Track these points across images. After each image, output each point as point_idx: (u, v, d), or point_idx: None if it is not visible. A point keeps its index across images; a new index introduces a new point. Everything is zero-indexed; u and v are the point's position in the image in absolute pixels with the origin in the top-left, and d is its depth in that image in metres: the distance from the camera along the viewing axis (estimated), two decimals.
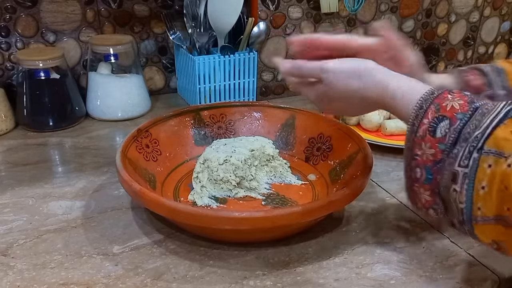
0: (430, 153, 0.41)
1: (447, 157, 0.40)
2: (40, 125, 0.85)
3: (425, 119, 0.42)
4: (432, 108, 0.42)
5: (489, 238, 0.39)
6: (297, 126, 0.75)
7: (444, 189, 0.41)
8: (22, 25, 0.88)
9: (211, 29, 0.90)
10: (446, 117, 0.41)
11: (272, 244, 0.55)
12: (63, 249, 0.54)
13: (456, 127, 0.40)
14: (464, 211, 0.39)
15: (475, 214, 0.38)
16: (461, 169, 0.38)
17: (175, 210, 0.50)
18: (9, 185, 0.67)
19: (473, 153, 0.38)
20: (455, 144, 0.39)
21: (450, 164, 0.39)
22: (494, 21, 1.29)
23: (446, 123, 0.40)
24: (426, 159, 0.42)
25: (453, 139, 0.40)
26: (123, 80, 0.90)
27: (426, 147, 0.42)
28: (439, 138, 0.40)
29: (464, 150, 0.39)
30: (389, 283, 0.50)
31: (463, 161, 0.38)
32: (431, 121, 0.41)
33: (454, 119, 0.40)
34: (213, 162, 0.63)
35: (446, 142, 0.40)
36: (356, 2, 1.04)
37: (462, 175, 0.38)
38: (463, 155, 0.38)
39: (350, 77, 0.49)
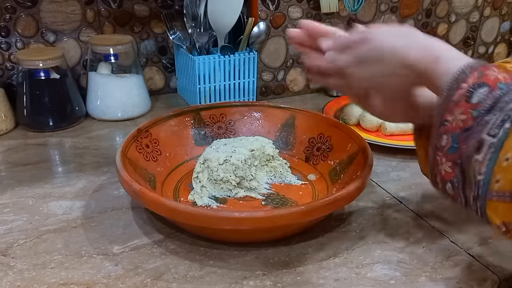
0: (461, 119, 0.39)
1: (477, 124, 0.38)
2: (40, 125, 0.85)
3: (464, 83, 0.40)
4: (474, 74, 0.40)
5: (500, 219, 0.37)
6: (297, 126, 0.75)
7: (466, 159, 0.39)
8: (22, 25, 0.88)
9: (211, 29, 0.90)
10: (487, 84, 0.39)
11: (272, 244, 0.55)
12: (63, 249, 0.54)
13: (494, 94, 0.38)
14: (481, 183, 0.37)
15: (492, 187, 0.37)
16: (489, 138, 0.37)
17: (175, 210, 0.50)
18: (9, 185, 0.67)
19: (506, 123, 0.36)
20: (489, 112, 0.38)
21: (479, 131, 0.38)
22: (494, 21, 1.29)
23: (485, 89, 0.39)
24: (456, 126, 0.40)
25: (488, 106, 0.38)
26: (123, 80, 0.90)
27: (458, 112, 0.40)
28: (474, 104, 0.39)
29: (496, 118, 0.37)
30: (389, 283, 0.50)
31: (493, 129, 0.37)
32: (471, 86, 0.39)
33: (494, 87, 0.39)
34: (213, 162, 0.63)
35: (480, 108, 0.38)
36: (356, 2, 1.04)
37: (489, 144, 0.37)
38: (495, 123, 0.37)
39: (394, 35, 0.46)
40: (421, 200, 0.66)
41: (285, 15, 1.02)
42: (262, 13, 1.00)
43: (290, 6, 1.02)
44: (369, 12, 1.11)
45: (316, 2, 1.03)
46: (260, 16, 0.99)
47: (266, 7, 1.00)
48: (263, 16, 1.00)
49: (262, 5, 0.99)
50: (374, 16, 1.12)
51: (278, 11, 1.01)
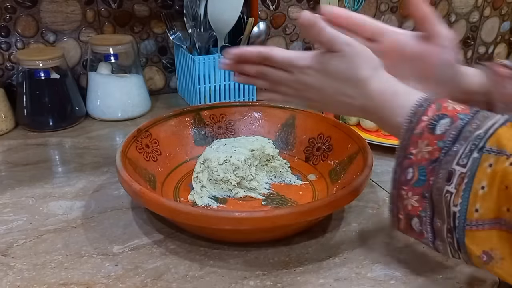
0: (426, 150, 0.40)
1: (445, 155, 0.39)
2: (40, 125, 0.85)
3: (424, 116, 0.40)
4: (432, 107, 0.41)
5: (480, 248, 0.37)
6: (297, 126, 0.75)
7: (436, 190, 0.39)
8: (22, 25, 0.88)
9: (211, 29, 0.90)
10: (447, 115, 0.40)
11: (272, 244, 0.55)
12: (63, 249, 0.54)
13: (457, 125, 0.39)
14: (458, 214, 0.37)
15: (470, 217, 0.37)
16: (459, 168, 0.37)
17: (175, 210, 0.50)
18: (9, 185, 0.67)
19: (474, 152, 0.37)
20: (455, 142, 0.38)
21: (447, 162, 0.38)
22: (494, 21, 1.29)
23: (447, 121, 0.39)
24: (422, 158, 0.40)
25: (453, 136, 0.38)
26: (123, 80, 0.90)
27: (423, 144, 0.40)
28: (439, 135, 0.39)
29: (464, 148, 0.37)
30: (389, 283, 0.50)
31: (462, 159, 0.37)
32: (431, 118, 0.40)
33: (455, 118, 0.39)
34: (213, 162, 0.63)
35: (445, 139, 0.39)
36: (356, 2, 1.04)
37: (459, 174, 0.37)
38: (463, 153, 0.37)
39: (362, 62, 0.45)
40: None
41: (285, 15, 1.02)
42: (262, 13, 1.00)
43: (290, 6, 1.02)
44: (369, 12, 1.11)
45: (316, 2, 1.03)
46: (260, 16, 0.99)
47: (266, 7, 1.00)
48: (263, 16, 1.00)
49: (262, 5, 0.99)
50: (374, 16, 1.12)
51: (278, 11, 1.01)
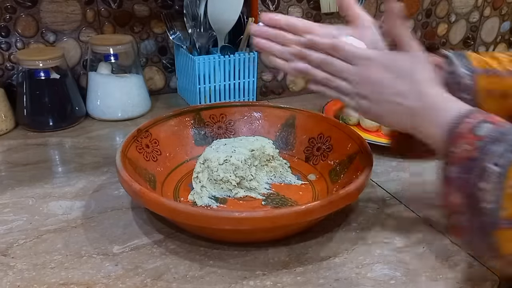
0: (466, 149, 0.41)
1: (481, 154, 0.40)
2: (40, 125, 0.85)
3: (470, 119, 0.43)
4: (479, 115, 0.43)
5: (510, 247, 0.38)
6: (297, 126, 0.75)
7: (472, 187, 0.40)
8: (22, 25, 0.88)
9: (211, 29, 0.90)
10: (490, 122, 0.42)
11: (272, 244, 0.55)
12: (63, 249, 0.54)
13: (498, 129, 0.41)
14: (490, 211, 0.38)
15: (501, 215, 0.38)
16: (494, 167, 0.38)
17: (175, 210, 0.50)
18: (9, 185, 0.67)
19: (509, 153, 0.38)
20: (493, 143, 0.40)
21: (483, 160, 0.40)
22: (494, 21, 1.29)
23: (489, 125, 0.41)
24: (461, 156, 0.42)
25: (493, 138, 0.40)
26: (123, 80, 0.90)
27: (463, 143, 0.42)
28: (480, 136, 0.41)
29: (500, 148, 0.39)
30: (389, 283, 0.50)
31: (497, 159, 0.39)
32: (476, 121, 0.42)
33: (498, 125, 0.41)
34: (213, 162, 0.63)
35: (485, 140, 0.40)
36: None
37: (493, 173, 0.38)
38: (498, 153, 0.39)
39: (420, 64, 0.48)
40: None
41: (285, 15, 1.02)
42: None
43: (290, 6, 1.02)
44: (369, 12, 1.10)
45: (316, 2, 1.03)
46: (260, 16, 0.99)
47: (266, 7, 1.00)
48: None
49: (262, 5, 0.99)
50: (374, 16, 1.12)
51: (278, 11, 1.01)
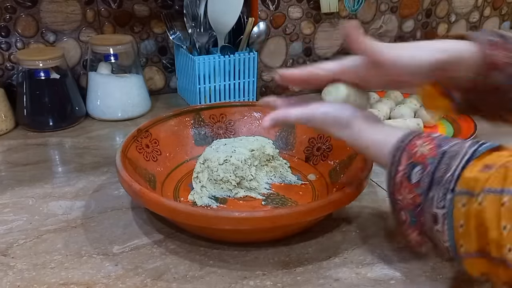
0: (409, 197, 0.43)
1: (425, 201, 0.42)
2: (40, 125, 0.85)
3: (399, 167, 0.44)
4: (404, 156, 0.44)
5: (478, 271, 0.40)
6: (297, 126, 0.75)
7: (428, 229, 0.43)
8: (22, 25, 0.88)
9: (211, 29, 0.90)
10: (418, 163, 0.43)
11: (272, 244, 0.55)
12: (63, 249, 0.54)
13: (428, 171, 0.42)
14: (450, 249, 0.40)
15: (459, 251, 0.40)
16: (439, 211, 0.40)
17: (175, 210, 0.50)
18: (9, 185, 0.67)
19: (447, 195, 0.40)
20: (430, 188, 0.41)
21: (429, 206, 0.41)
22: (494, 21, 1.29)
23: (418, 168, 0.43)
24: (407, 203, 0.44)
25: (427, 183, 0.41)
26: (123, 80, 0.90)
27: (405, 192, 0.44)
28: (415, 183, 0.42)
29: (438, 192, 0.40)
30: (389, 283, 0.50)
31: (439, 203, 0.40)
32: (406, 167, 0.43)
33: (426, 165, 0.42)
34: (213, 162, 0.63)
35: (421, 186, 0.42)
36: (356, 2, 1.04)
37: (441, 215, 0.40)
38: (439, 197, 0.40)
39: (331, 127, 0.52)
40: None
41: (285, 15, 1.02)
42: (262, 13, 1.00)
43: (290, 6, 1.02)
44: (369, 12, 1.11)
45: (316, 2, 1.03)
46: (260, 16, 0.99)
47: (266, 7, 1.00)
48: (263, 16, 1.00)
49: (262, 5, 0.99)
50: (374, 16, 1.12)
51: (278, 11, 1.01)
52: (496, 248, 0.36)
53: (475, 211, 0.37)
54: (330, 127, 0.52)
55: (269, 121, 0.54)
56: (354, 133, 0.51)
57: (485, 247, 0.37)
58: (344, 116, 0.51)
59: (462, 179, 0.39)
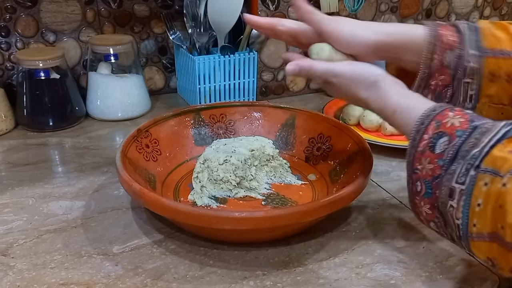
0: (429, 168, 0.42)
1: (445, 173, 0.40)
2: (40, 125, 0.85)
3: (425, 135, 0.43)
4: (432, 124, 0.43)
5: (484, 255, 0.39)
6: (297, 126, 0.75)
7: (442, 204, 0.41)
8: (22, 25, 0.88)
9: (211, 29, 0.90)
10: (446, 133, 0.41)
11: (272, 244, 0.55)
12: (63, 249, 0.54)
13: (454, 143, 0.40)
14: (460, 227, 0.39)
15: (470, 230, 0.39)
16: (458, 186, 0.39)
17: (175, 210, 0.50)
18: (9, 185, 0.67)
19: (470, 171, 0.38)
20: (453, 161, 0.40)
21: (448, 180, 0.40)
22: None
23: (445, 139, 0.41)
24: (426, 174, 0.42)
25: (451, 156, 0.40)
26: (123, 80, 0.90)
27: (425, 162, 0.42)
28: (438, 154, 0.41)
29: (461, 167, 0.39)
30: (389, 283, 0.50)
31: (460, 178, 0.39)
32: (431, 136, 0.42)
33: (453, 136, 0.41)
34: (213, 162, 0.63)
35: (444, 158, 0.41)
36: (356, 2, 1.04)
37: (459, 191, 0.39)
38: (461, 172, 0.39)
39: (357, 86, 0.50)
40: None
41: (285, 15, 1.02)
42: (262, 13, 1.00)
43: (290, 6, 1.02)
44: (369, 12, 1.11)
45: (316, 2, 1.03)
46: None
47: (266, 7, 1.00)
48: (263, 16, 1.00)
49: (262, 5, 0.99)
50: (374, 16, 1.12)
51: (278, 11, 1.01)
52: (511, 234, 0.35)
53: (497, 192, 0.36)
54: (355, 86, 0.50)
55: (293, 67, 0.52)
56: (380, 94, 0.48)
57: (499, 231, 0.36)
58: (373, 74, 0.49)
59: (489, 156, 0.38)
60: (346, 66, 0.51)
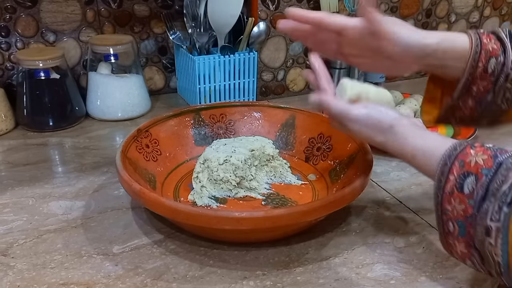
0: (460, 208, 0.42)
1: (478, 212, 0.40)
2: (40, 125, 0.85)
3: (451, 176, 0.42)
4: (456, 165, 0.43)
5: None
6: (297, 126, 0.75)
7: (479, 242, 0.41)
8: (22, 25, 0.88)
9: (211, 29, 0.90)
10: (472, 173, 0.41)
11: (272, 244, 0.55)
12: (63, 249, 0.54)
13: (483, 182, 0.40)
14: (501, 264, 0.39)
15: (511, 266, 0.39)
16: (493, 224, 0.39)
17: (175, 210, 0.50)
18: (9, 185, 0.67)
19: (503, 208, 0.38)
20: (484, 199, 0.40)
21: (482, 219, 0.40)
22: (494, 21, 1.29)
23: (472, 179, 0.41)
24: (457, 214, 0.42)
25: (482, 195, 0.40)
26: (123, 80, 0.90)
27: (456, 202, 0.42)
28: (468, 194, 0.41)
29: (493, 205, 0.39)
30: (389, 283, 0.50)
31: (494, 216, 0.39)
32: (457, 177, 0.42)
33: (480, 175, 0.41)
34: (213, 162, 0.63)
35: (475, 198, 0.40)
36: (356, 2, 1.04)
37: (495, 229, 0.39)
38: (493, 210, 0.39)
39: (373, 131, 0.50)
40: (421, 200, 0.66)
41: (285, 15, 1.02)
42: (262, 13, 1.00)
43: (290, 6, 1.02)
44: None
45: (316, 2, 1.03)
46: (260, 16, 0.99)
47: (266, 7, 1.00)
48: (263, 16, 1.00)
49: (262, 5, 0.99)
50: None
51: (278, 11, 1.01)
52: None
53: None
54: (371, 131, 0.50)
55: (314, 101, 0.54)
56: (397, 138, 0.49)
57: None
58: (388, 119, 0.49)
59: None
60: (361, 111, 0.51)
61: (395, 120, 0.49)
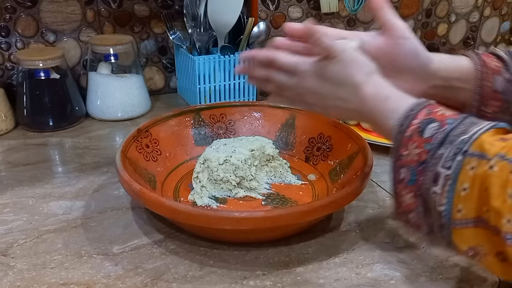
0: (415, 153, 0.42)
1: (432, 158, 0.40)
2: (40, 125, 0.85)
3: (415, 120, 0.43)
4: (423, 112, 0.43)
5: (466, 244, 0.39)
6: (297, 126, 0.75)
7: (425, 191, 0.41)
8: (22, 25, 0.88)
9: (211, 29, 0.90)
10: (436, 119, 0.42)
11: (272, 244, 0.55)
12: (63, 249, 0.54)
13: (444, 129, 0.41)
14: (444, 213, 0.39)
15: (454, 216, 0.39)
16: (444, 170, 0.39)
17: (175, 210, 0.50)
18: (9, 185, 0.67)
19: (458, 156, 0.39)
20: (441, 145, 0.40)
21: (434, 164, 0.40)
22: (494, 21, 1.29)
23: (435, 124, 0.41)
24: (411, 160, 0.42)
25: (439, 140, 0.40)
26: (123, 80, 0.90)
27: (412, 147, 0.42)
28: (427, 138, 0.41)
29: (449, 151, 0.39)
30: (389, 283, 0.50)
31: (447, 162, 0.39)
32: (421, 121, 0.42)
33: (443, 122, 0.41)
34: (213, 162, 0.63)
35: (432, 142, 0.41)
36: (356, 2, 1.04)
37: (444, 176, 0.39)
38: (448, 156, 0.39)
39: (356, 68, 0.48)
40: None
41: (285, 15, 1.02)
42: (262, 13, 1.00)
43: (290, 6, 1.02)
44: (369, 12, 1.11)
45: (316, 2, 1.03)
46: (260, 16, 0.99)
47: (266, 7, 1.00)
48: (263, 16, 1.00)
49: (262, 5, 0.99)
50: None
51: (278, 11, 1.01)
52: (495, 217, 0.35)
53: (483, 175, 0.36)
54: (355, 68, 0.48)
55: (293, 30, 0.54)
56: (377, 81, 0.48)
57: (484, 214, 0.37)
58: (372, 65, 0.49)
59: (478, 141, 0.38)
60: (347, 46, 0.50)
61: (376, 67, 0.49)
